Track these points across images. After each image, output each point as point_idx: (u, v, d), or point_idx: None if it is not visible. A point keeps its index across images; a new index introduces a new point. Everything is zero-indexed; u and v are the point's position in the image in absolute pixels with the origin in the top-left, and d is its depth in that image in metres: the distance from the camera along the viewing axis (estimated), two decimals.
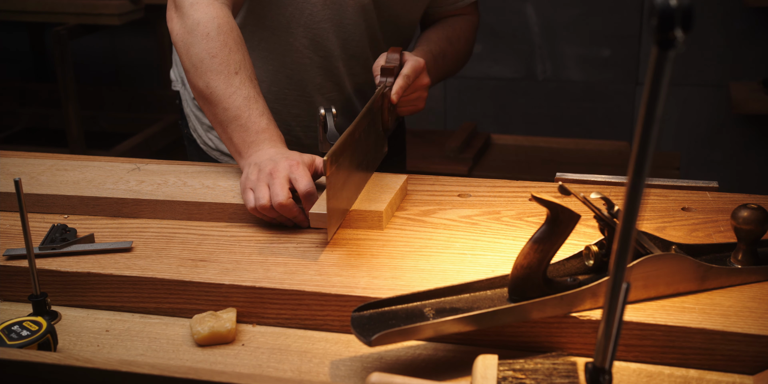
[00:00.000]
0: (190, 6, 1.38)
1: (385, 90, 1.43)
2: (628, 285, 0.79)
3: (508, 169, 3.05)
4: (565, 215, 0.98)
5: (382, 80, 1.44)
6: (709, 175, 3.10)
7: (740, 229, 1.10)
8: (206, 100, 1.36)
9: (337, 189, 1.21)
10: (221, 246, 1.24)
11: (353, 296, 1.09)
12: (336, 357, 1.05)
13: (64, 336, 1.11)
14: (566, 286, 1.03)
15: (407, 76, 1.44)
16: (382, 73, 1.44)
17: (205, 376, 0.83)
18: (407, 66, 1.45)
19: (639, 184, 0.74)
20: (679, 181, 1.42)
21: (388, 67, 1.44)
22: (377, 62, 1.47)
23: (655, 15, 0.67)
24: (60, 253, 1.21)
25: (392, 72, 1.44)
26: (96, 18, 3.29)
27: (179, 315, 1.15)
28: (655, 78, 0.70)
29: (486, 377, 0.94)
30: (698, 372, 1.01)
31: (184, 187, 1.39)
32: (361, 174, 1.35)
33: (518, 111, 3.59)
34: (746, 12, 3.24)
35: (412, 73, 1.45)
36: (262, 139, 1.33)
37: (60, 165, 1.50)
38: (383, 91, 1.43)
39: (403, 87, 1.44)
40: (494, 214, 1.33)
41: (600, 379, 0.84)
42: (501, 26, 3.47)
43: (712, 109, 3.40)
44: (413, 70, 1.45)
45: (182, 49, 1.37)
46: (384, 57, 1.46)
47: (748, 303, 1.06)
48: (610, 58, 3.42)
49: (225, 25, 1.36)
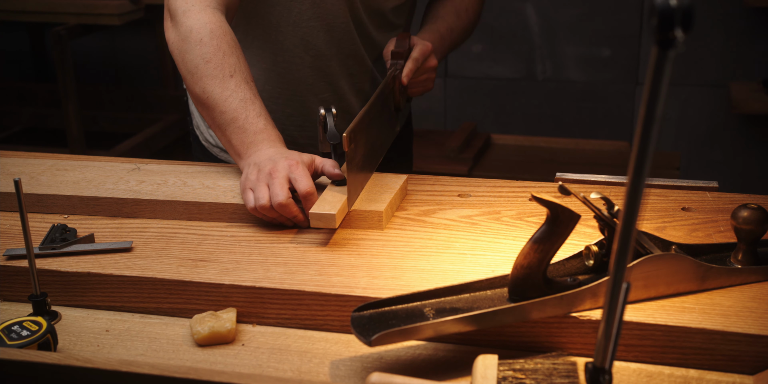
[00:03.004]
0: (182, 14, 1.39)
1: (396, 72, 1.53)
2: (628, 285, 0.79)
3: (508, 169, 3.05)
4: (565, 215, 0.98)
5: (393, 63, 1.54)
6: (709, 175, 3.10)
7: (740, 229, 1.10)
8: (204, 105, 1.37)
9: (355, 164, 1.27)
10: (221, 246, 1.24)
11: (353, 296, 1.09)
12: (336, 357, 1.05)
13: (64, 336, 1.11)
14: (566, 286, 1.03)
15: (416, 59, 1.54)
16: (393, 57, 1.54)
17: (205, 376, 0.83)
18: (416, 50, 1.55)
19: (639, 184, 0.74)
20: (679, 181, 1.42)
21: (399, 51, 1.54)
22: (387, 47, 1.57)
23: (655, 15, 0.67)
24: (60, 253, 1.21)
25: (402, 55, 1.54)
26: (96, 18, 3.30)
27: (179, 315, 1.15)
28: (655, 78, 0.70)
29: (486, 377, 0.94)
30: (698, 372, 1.01)
31: (184, 187, 1.39)
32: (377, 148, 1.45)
33: (518, 111, 3.59)
34: (746, 12, 3.24)
35: (421, 56, 1.55)
36: (260, 139, 1.33)
37: (60, 165, 1.50)
38: (395, 73, 1.53)
39: (413, 69, 1.53)
40: (494, 214, 1.33)
41: (600, 379, 0.84)
42: (501, 26, 3.47)
43: (712, 109, 3.40)
44: (421, 53, 1.55)
45: (178, 56, 1.39)
46: (394, 42, 1.56)
47: (748, 303, 1.06)
48: (610, 58, 3.42)
49: (217, 30, 1.37)
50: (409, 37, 1.56)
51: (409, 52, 1.55)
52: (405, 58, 1.54)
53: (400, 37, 1.55)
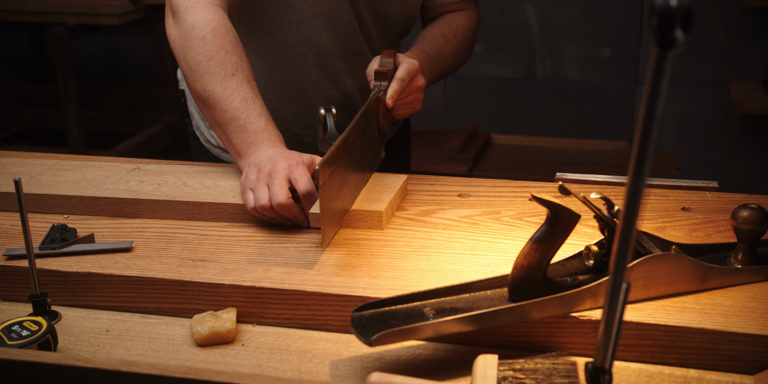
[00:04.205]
0: (185, 11, 1.38)
1: (380, 94, 1.40)
2: (628, 285, 0.79)
3: (508, 169, 3.05)
4: (565, 215, 0.98)
5: (377, 84, 1.40)
6: (709, 175, 3.10)
7: (740, 229, 1.10)
8: (204, 103, 1.36)
9: (331, 198, 1.18)
10: (221, 246, 1.24)
11: (353, 296, 1.09)
12: (336, 357, 1.05)
13: (64, 336, 1.11)
14: (566, 286, 1.03)
15: (401, 79, 1.41)
16: (376, 77, 1.41)
17: (205, 376, 0.83)
18: (401, 69, 1.42)
19: (639, 184, 0.74)
20: (679, 181, 1.42)
21: (382, 70, 1.40)
22: (370, 66, 1.44)
23: (655, 15, 0.67)
24: (60, 253, 1.21)
25: (386, 75, 1.40)
26: (96, 18, 3.30)
27: (179, 315, 1.15)
28: (655, 78, 0.70)
29: (486, 377, 0.94)
30: (698, 372, 1.01)
31: (184, 187, 1.39)
32: (358, 178, 1.34)
33: (518, 111, 3.59)
34: (746, 12, 3.24)
35: (407, 76, 1.42)
36: (260, 139, 1.33)
37: (60, 165, 1.50)
38: (378, 95, 1.39)
39: (398, 91, 1.41)
40: (494, 214, 1.33)
41: (600, 379, 0.84)
42: (501, 26, 3.47)
43: (712, 109, 3.40)
44: (407, 72, 1.42)
45: (179, 53, 1.38)
46: (377, 60, 1.43)
47: (748, 303, 1.06)
48: (610, 58, 3.42)
49: (220, 28, 1.36)
50: (395, 54, 1.43)
51: (395, 71, 1.42)
52: (389, 78, 1.40)
53: (384, 55, 1.43)
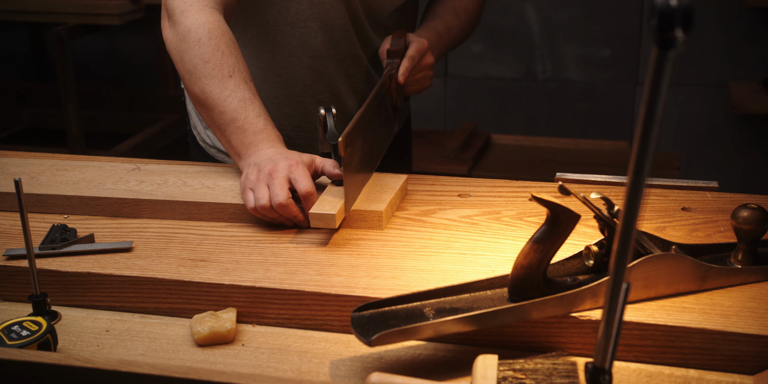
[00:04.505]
0: (180, 13, 1.38)
1: (392, 72, 1.51)
2: (628, 285, 0.79)
3: (508, 169, 3.05)
4: (565, 215, 0.98)
5: (389, 62, 1.52)
6: (709, 175, 3.10)
7: (740, 229, 1.10)
8: (203, 105, 1.37)
9: (352, 168, 1.26)
10: (221, 246, 1.24)
11: (353, 296, 1.09)
12: (336, 357, 1.05)
13: (64, 336, 1.11)
14: (566, 286, 1.03)
15: (412, 57, 1.52)
16: (389, 56, 1.52)
17: (205, 376, 0.83)
18: (412, 47, 1.53)
19: (639, 184, 0.74)
20: (679, 181, 1.42)
21: (394, 49, 1.52)
22: (383, 46, 1.54)
23: (655, 15, 0.67)
24: (60, 253, 1.21)
25: (398, 54, 1.51)
26: (96, 18, 3.30)
27: (179, 315, 1.15)
28: (655, 78, 0.70)
29: (486, 377, 0.94)
30: (698, 372, 1.01)
31: (184, 187, 1.39)
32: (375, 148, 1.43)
33: (518, 111, 3.59)
34: (746, 12, 3.24)
35: (417, 54, 1.52)
36: (260, 139, 1.33)
37: (60, 165, 1.50)
38: (390, 72, 1.50)
39: (409, 68, 1.51)
40: (494, 214, 1.33)
41: (600, 379, 0.84)
42: (501, 26, 3.47)
43: (712, 109, 3.40)
44: (417, 51, 1.53)
45: (176, 56, 1.38)
46: (389, 40, 1.54)
47: (748, 303, 1.06)
48: (610, 58, 3.42)
49: (216, 30, 1.37)
50: (405, 34, 1.54)
51: (405, 50, 1.53)
52: (401, 57, 1.52)
53: (395, 35, 1.54)
